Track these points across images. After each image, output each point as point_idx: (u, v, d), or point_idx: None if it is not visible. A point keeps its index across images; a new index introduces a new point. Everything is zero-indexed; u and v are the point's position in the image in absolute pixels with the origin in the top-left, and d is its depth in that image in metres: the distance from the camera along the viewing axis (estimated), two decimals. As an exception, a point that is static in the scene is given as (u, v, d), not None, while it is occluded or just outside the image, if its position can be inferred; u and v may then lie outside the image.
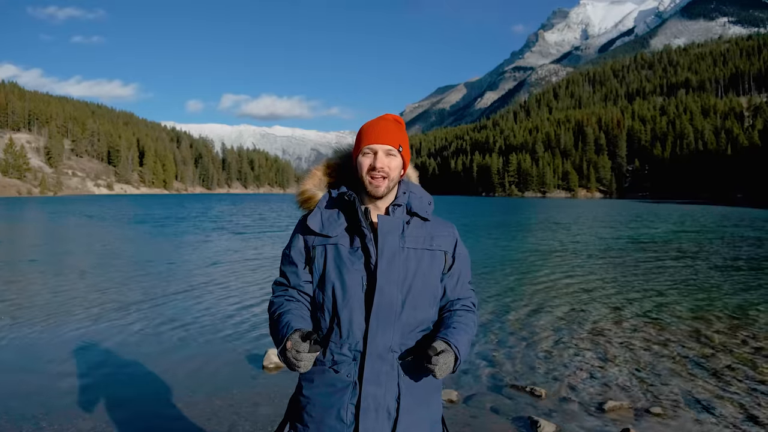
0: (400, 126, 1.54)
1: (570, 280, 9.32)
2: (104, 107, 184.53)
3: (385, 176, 1.44)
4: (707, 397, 3.96)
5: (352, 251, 1.43)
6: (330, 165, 1.62)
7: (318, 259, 1.47)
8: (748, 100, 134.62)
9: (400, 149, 1.48)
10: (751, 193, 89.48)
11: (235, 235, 18.61)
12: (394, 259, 1.41)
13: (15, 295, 7.77)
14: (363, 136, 1.48)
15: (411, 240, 1.46)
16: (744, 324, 6.20)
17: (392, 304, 1.40)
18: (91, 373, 4.40)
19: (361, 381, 1.39)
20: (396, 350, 1.42)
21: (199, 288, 8.37)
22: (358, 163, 1.47)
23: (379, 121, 1.52)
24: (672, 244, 15.96)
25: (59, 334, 5.57)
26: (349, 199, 1.46)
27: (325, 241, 1.46)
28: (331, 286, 1.43)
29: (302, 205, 1.58)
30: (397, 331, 1.41)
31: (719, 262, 11.77)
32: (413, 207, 1.51)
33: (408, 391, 1.42)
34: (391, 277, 1.40)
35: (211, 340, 5.45)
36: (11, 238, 18.20)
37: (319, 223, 1.48)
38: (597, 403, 3.85)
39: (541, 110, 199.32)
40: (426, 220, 1.53)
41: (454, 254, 1.54)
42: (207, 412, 3.63)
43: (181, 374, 4.40)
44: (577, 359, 4.89)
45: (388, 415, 1.39)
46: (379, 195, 1.45)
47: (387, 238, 1.42)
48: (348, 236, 1.45)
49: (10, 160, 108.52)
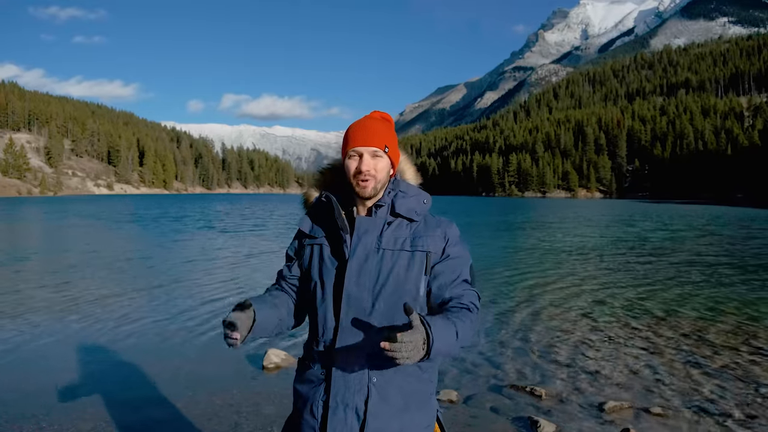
0: (387, 124, 1.51)
1: (570, 280, 9.32)
2: (104, 107, 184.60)
3: (372, 178, 1.44)
4: (707, 397, 3.96)
5: (333, 252, 1.47)
6: (332, 166, 1.64)
7: (305, 258, 1.52)
8: (748, 100, 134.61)
9: (386, 150, 1.47)
10: (752, 193, 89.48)
11: (235, 235, 18.62)
12: (367, 261, 1.42)
13: (14, 295, 7.77)
14: (349, 137, 1.48)
15: (388, 241, 1.45)
16: (744, 324, 6.20)
17: (360, 305, 1.40)
18: (91, 373, 4.41)
19: (329, 379, 1.41)
20: (368, 352, 1.38)
21: (199, 288, 8.37)
22: (345, 166, 1.47)
23: (365, 121, 1.49)
24: (672, 244, 15.96)
25: (59, 334, 5.57)
26: (327, 201, 1.49)
27: (312, 242, 1.52)
28: (312, 284, 1.48)
29: (305, 205, 1.63)
30: (368, 333, 1.39)
31: (720, 262, 11.76)
32: (397, 207, 1.48)
33: (380, 395, 1.38)
34: (360, 279, 1.40)
35: (211, 339, 5.45)
36: (9, 238, 18.20)
37: (309, 225, 1.54)
38: (597, 403, 3.85)
39: (541, 110, 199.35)
40: (412, 220, 1.49)
41: (443, 254, 1.48)
42: (207, 411, 3.63)
43: (182, 374, 4.41)
44: (577, 359, 4.89)
45: (357, 417, 1.37)
46: (366, 196, 1.45)
47: (361, 240, 1.43)
48: (332, 237, 1.49)
49: (10, 160, 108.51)
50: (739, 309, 6.99)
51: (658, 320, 6.39)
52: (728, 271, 10.33)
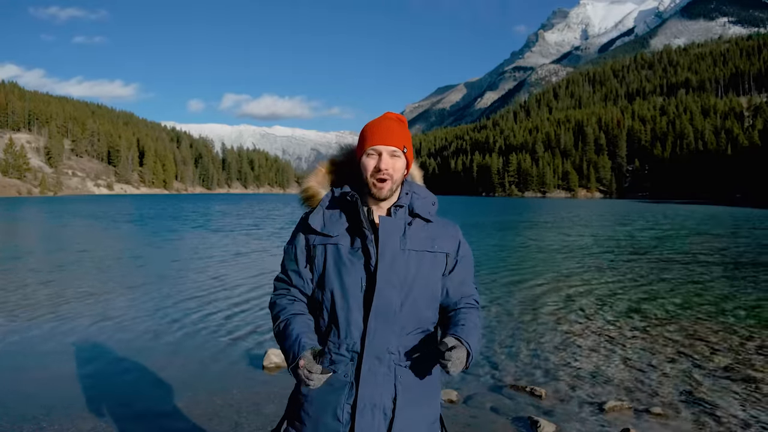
0: (403, 126, 1.52)
1: (570, 280, 9.32)
2: (104, 107, 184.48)
3: (389, 177, 1.44)
4: (707, 397, 3.97)
5: (352, 251, 1.43)
6: (335, 163, 1.61)
7: (318, 258, 1.47)
8: (748, 100, 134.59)
9: (404, 150, 1.47)
10: (751, 193, 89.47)
11: (234, 235, 18.62)
12: (395, 261, 1.42)
13: (14, 295, 7.77)
14: (367, 136, 1.47)
15: (412, 242, 1.46)
16: (744, 324, 6.20)
17: (391, 305, 1.40)
18: (91, 373, 4.40)
19: (357, 381, 1.40)
20: (393, 352, 1.42)
21: (199, 288, 8.37)
22: (363, 164, 1.46)
23: (383, 120, 1.50)
24: (672, 244, 15.96)
25: (59, 334, 5.56)
26: (352, 200, 1.46)
27: (325, 240, 1.47)
28: (330, 285, 1.44)
29: (305, 202, 1.58)
30: (395, 333, 1.42)
31: (720, 262, 11.77)
32: (415, 208, 1.50)
33: (405, 392, 1.43)
34: (390, 279, 1.40)
35: (211, 339, 5.45)
36: (7, 238, 18.19)
37: (321, 222, 1.48)
38: (597, 403, 3.85)
39: (541, 110, 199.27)
40: (428, 221, 1.52)
41: (457, 255, 1.54)
42: (208, 411, 3.63)
43: (182, 374, 4.41)
44: (577, 359, 4.89)
45: (384, 416, 1.40)
46: (382, 197, 1.45)
47: (388, 240, 1.42)
48: (349, 236, 1.45)
49: (10, 160, 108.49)
50: (739, 309, 6.99)
51: (658, 320, 6.39)
52: (729, 272, 10.32)
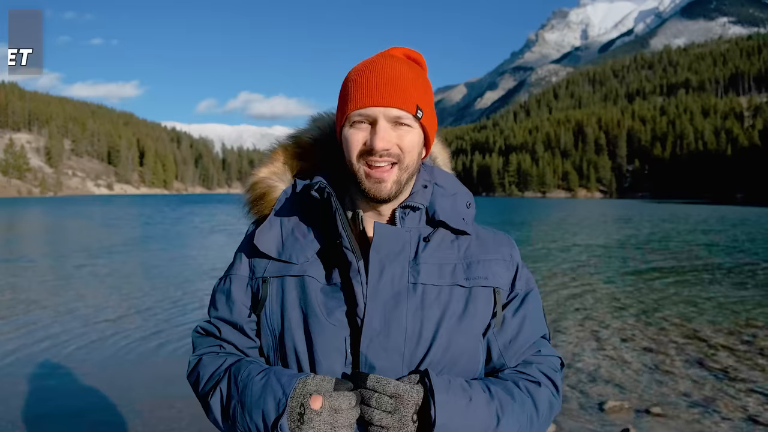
0: (418, 71, 0.90)
1: (570, 280, 9.31)
2: (104, 107, 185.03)
3: (394, 163, 0.85)
4: (707, 397, 3.97)
5: (329, 290, 0.86)
6: (302, 143, 0.98)
7: (272, 302, 0.87)
8: (748, 100, 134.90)
9: (420, 115, 0.85)
10: (751, 192, 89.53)
11: (232, 234, 18.61)
12: (397, 307, 0.83)
13: (12, 294, 7.77)
14: (351, 90, 0.86)
15: (430, 269, 0.86)
16: (744, 324, 6.20)
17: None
18: (91, 373, 4.40)
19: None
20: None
21: (198, 287, 8.38)
22: (344, 139, 0.87)
23: (381, 60, 0.87)
24: (672, 244, 15.96)
25: (59, 335, 5.56)
26: (323, 197, 0.86)
27: (284, 270, 0.88)
28: (292, 350, 0.84)
29: (253, 206, 0.96)
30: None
31: (719, 262, 11.77)
32: (439, 211, 0.91)
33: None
34: (389, 342, 0.82)
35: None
36: (5, 238, 18.20)
37: (277, 240, 0.90)
38: (597, 403, 3.85)
39: (541, 110, 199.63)
40: (461, 233, 0.93)
41: (514, 291, 0.92)
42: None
43: (182, 374, 4.40)
44: (577, 359, 4.89)
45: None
46: (381, 196, 0.86)
47: (385, 268, 0.85)
48: (322, 264, 0.88)
49: (10, 160, 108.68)
50: (739, 309, 6.99)
51: (657, 320, 6.39)
52: (729, 272, 10.33)
